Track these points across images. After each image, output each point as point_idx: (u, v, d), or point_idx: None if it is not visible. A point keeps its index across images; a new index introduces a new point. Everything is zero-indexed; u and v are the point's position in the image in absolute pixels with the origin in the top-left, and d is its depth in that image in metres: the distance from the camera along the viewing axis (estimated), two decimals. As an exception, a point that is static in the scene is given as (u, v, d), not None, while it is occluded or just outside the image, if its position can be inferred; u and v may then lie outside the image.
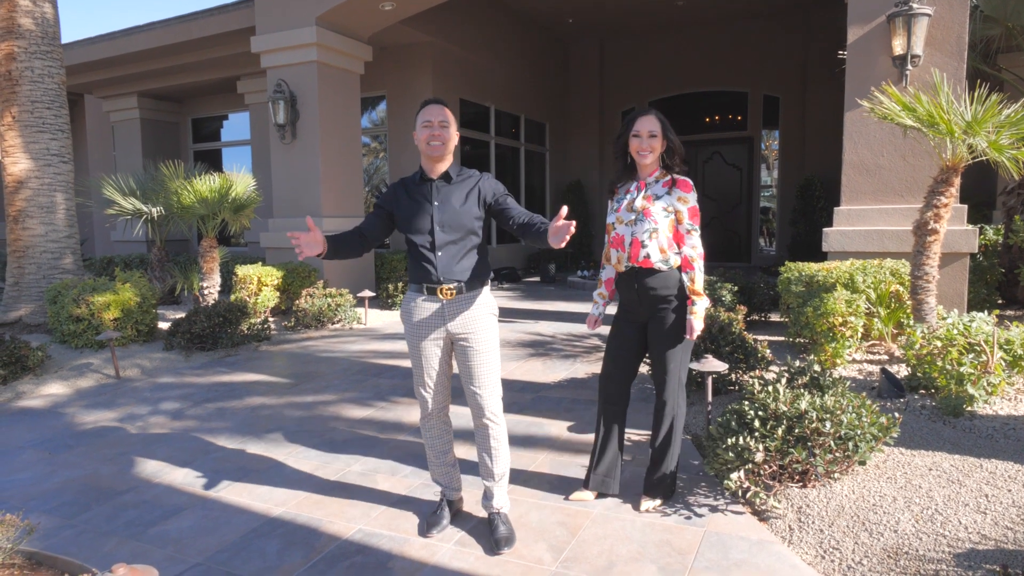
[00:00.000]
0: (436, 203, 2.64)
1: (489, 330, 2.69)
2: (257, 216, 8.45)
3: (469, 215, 2.64)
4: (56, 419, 4.45)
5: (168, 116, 12.78)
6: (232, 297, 7.40)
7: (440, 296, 2.64)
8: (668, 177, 2.84)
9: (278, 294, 7.63)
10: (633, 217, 2.81)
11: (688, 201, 2.80)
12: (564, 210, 2.34)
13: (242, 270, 7.45)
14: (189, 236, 12.42)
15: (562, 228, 2.32)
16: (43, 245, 6.87)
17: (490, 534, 2.69)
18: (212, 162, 12.50)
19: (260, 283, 7.45)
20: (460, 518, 2.90)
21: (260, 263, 8.07)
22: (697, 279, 2.78)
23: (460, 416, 4.23)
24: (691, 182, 2.83)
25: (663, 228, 2.78)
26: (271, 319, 7.58)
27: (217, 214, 7.25)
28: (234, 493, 3.21)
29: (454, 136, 2.67)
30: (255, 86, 10.98)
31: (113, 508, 3.08)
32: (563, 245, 2.38)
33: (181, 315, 6.63)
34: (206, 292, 7.20)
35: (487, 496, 2.78)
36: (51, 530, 2.87)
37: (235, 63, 10.60)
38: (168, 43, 10.28)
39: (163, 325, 7.01)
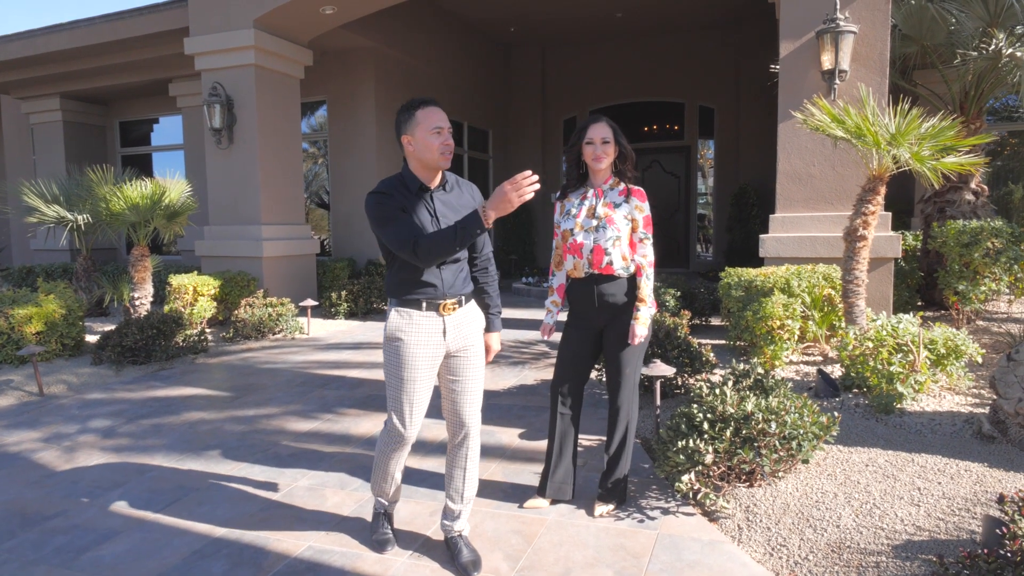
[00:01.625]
0: (441, 217, 2.43)
1: (481, 343, 2.62)
2: (192, 223, 8.14)
3: None
4: (-27, 441, 4.16)
5: (94, 119, 12.16)
6: (166, 308, 7.09)
7: (442, 312, 2.47)
8: (623, 186, 2.89)
9: (215, 304, 7.36)
10: (595, 224, 2.83)
11: (644, 210, 2.86)
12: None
13: (176, 279, 7.16)
14: (118, 244, 11.84)
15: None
16: (-45, 255, 6.42)
17: (454, 558, 2.55)
18: (142, 167, 11.96)
19: (196, 293, 7.17)
20: (405, 530, 2.84)
21: (196, 272, 7.77)
22: (644, 286, 2.83)
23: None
24: (644, 192, 2.89)
25: (625, 236, 2.82)
26: (208, 330, 7.30)
27: (149, 222, 6.94)
28: (174, 513, 3.06)
29: None
30: (188, 89, 10.59)
31: (40, 534, 2.89)
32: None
33: (111, 327, 6.30)
34: (137, 303, 6.87)
35: (450, 516, 2.63)
36: (-29, 561, 2.67)
37: (167, 65, 10.19)
38: (94, 43, 9.80)
39: (91, 338, 6.66)
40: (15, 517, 3.07)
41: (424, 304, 2.45)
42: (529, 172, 2.09)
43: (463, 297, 2.54)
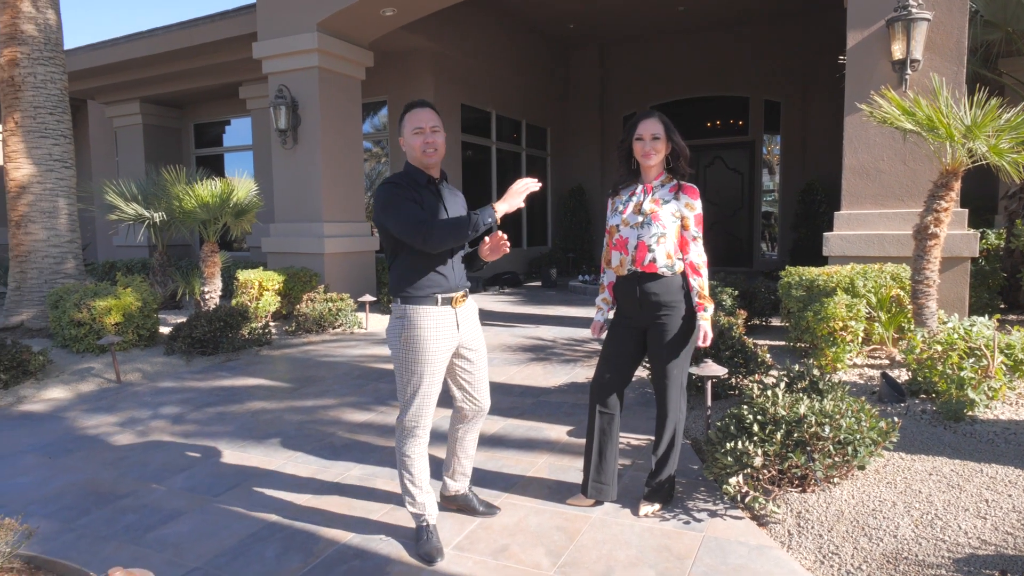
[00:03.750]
0: (448, 207, 2.61)
1: (482, 333, 2.80)
2: (259, 221, 8.47)
3: None
4: (57, 423, 4.46)
5: (170, 121, 12.83)
6: (233, 302, 7.41)
7: (454, 305, 2.59)
8: (674, 182, 2.83)
9: (279, 299, 7.64)
10: (640, 220, 2.80)
11: (695, 208, 2.79)
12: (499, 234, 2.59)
13: (243, 275, 7.47)
14: (191, 241, 12.45)
15: (497, 244, 2.57)
16: (45, 250, 6.89)
17: (472, 508, 2.90)
18: (214, 167, 12.55)
19: (261, 288, 7.47)
20: (449, 522, 2.88)
21: (261, 268, 8.09)
22: (705, 285, 2.81)
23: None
24: (697, 189, 2.82)
25: (671, 233, 2.77)
26: (272, 324, 7.59)
27: (218, 219, 7.27)
28: (233, 497, 3.21)
29: (444, 139, 2.62)
30: (257, 91, 11.03)
31: (112, 512, 3.08)
32: (495, 257, 2.59)
33: (182, 320, 6.64)
34: (207, 297, 7.21)
35: (462, 475, 2.93)
36: (51, 534, 2.87)
37: (237, 69, 10.64)
38: (170, 49, 10.33)
39: (164, 330, 7.03)
40: (91, 495, 3.28)
41: (439, 299, 2.53)
42: (534, 180, 2.51)
43: (467, 289, 2.68)
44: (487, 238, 2.61)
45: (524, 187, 2.45)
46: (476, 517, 2.89)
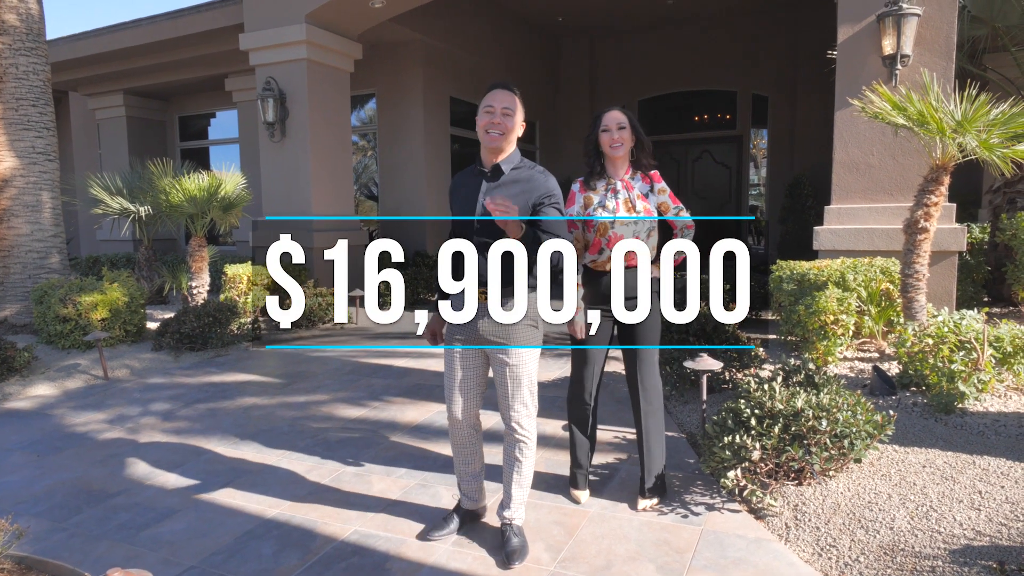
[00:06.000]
0: (481, 200, 2.45)
1: (525, 342, 2.52)
2: (246, 215, 8.38)
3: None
4: (44, 421, 4.39)
5: (155, 114, 12.63)
6: (221, 297, 7.33)
7: (478, 300, 2.49)
8: (643, 174, 2.92)
9: (268, 293, 7.57)
10: (635, 218, 2.83)
11: (667, 190, 2.93)
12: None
13: (231, 269, 7.39)
14: (177, 235, 12.29)
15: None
16: (29, 244, 6.77)
17: (501, 546, 2.58)
18: (200, 160, 12.37)
19: (250, 282, 7.39)
20: (477, 527, 2.82)
21: (250, 262, 8.00)
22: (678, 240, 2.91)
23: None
24: (656, 172, 2.95)
25: (655, 225, 2.90)
26: (261, 318, 7.51)
27: (206, 213, 7.18)
28: (227, 495, 3.17)
29: (518, 126, 2.45)
30: (243, 84, 10.88)
31: (104, 511, 3.04)
32: (505, 227, 2.27)
33: (170, 315, 6.56)
34: (195, 292, 7.13)
35: (502, 504, 2.67)
36: (41, 534, 2.83)
37: (223, 60, 10.49)
38: (155, 40, 10.16)
39: (152, 325, 6.94)
40: (82, 494, 3.24)
41: (464, 290, 2.53)
42: None
43: (502, 288, 2.42)
44: None
45: None
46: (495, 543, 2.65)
